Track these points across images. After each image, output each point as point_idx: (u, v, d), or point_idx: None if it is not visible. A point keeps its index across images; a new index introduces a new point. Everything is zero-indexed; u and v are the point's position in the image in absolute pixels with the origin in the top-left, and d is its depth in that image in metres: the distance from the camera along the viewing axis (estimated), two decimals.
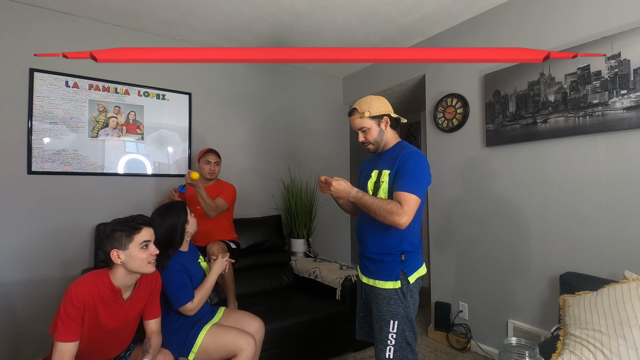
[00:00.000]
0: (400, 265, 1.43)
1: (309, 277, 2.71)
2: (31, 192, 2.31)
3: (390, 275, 1.43)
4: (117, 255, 1.33)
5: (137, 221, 1.39)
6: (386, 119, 1.49)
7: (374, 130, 1.49)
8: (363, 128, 1.48)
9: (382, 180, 1.44)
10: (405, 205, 1.30)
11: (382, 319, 1.43)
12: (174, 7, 2.38)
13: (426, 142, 2.93)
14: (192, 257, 1.80)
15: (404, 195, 1.33)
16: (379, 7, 2.39)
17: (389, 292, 1.43)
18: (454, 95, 2.63)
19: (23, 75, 2.30)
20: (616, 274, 1.81)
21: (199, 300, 1.67)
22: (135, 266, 1.36)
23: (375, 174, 1.49)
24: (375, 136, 1.49)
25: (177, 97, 2.86)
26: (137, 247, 1.35)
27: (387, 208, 1.31)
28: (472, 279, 2.54)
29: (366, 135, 1.50)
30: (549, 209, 2.11)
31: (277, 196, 3.35)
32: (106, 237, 1.35)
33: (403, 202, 1.31)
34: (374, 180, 1.48)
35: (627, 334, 1.33)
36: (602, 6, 1.90)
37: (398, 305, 1.42)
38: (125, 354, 1.54)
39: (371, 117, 1.47)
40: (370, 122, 1.47)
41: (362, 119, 1.47)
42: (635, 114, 1.75)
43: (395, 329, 1.41)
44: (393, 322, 1.41)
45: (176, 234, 1.69)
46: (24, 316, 2.26)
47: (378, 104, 1.48)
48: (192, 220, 1.77)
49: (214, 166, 2.49)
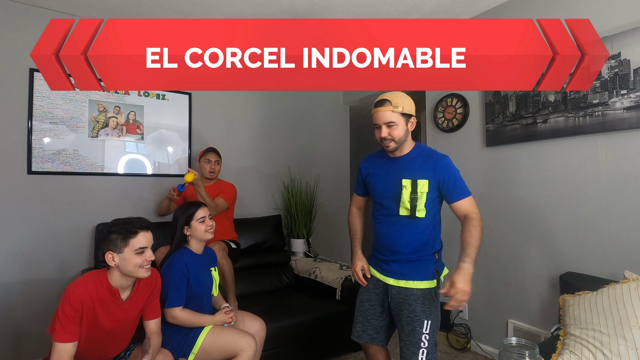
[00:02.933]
0: (435, 265, 1.46)
1: (309, 277, 2.71)
2: (31, 192, 2.31)
3: (427, 275, 1.44)
4: (111, 257, 1.32)
5: (135, 225, 1.34)
6: (414, 120, 1.44)
7: (401, 128, 1.40)
8: (391, 123, 1.38)
9: (422, 191, 1.40)
10: (476, 210, 1.39)
11: (415, 320, 1.41)
12: (174, 7, 2.38)
13: (426, 142, 2.93)
14: (204, 263, 1.78)
15: (466, 202, 1.40)
16: (379, 7, 2.39)
17: (424, 291, 1.43)
18: (454, 95, 2.63)
19: (23, 75, 2.30)
20: (616, 274, 1.81)
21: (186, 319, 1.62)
22: (128, 270, 1.34)
23: (409, 184, 1.41)
24: (401, 134, 1.40)
25: (177, 97, 2.86)
26: (132, 251, 1.32)
27: (478, 229, 1.36)
28: (472, 279, 2.53)
29: (392, 131, 1.39)
30: (549, 208, 2.11)
31: (277, 196, 3.35)
32: (103, 238, 1.35)
33: (472, 207, 1.39)
34: (410, 191, 1.41)
35: (627, 334, 1.33)
36: (602, 6, 1.90)
37: (432, 305, 1.43)
38: (124, 354, 1.54)
39: (402, 114, 1.39)
40: (400, 119, 1.39)
41: (393, 113, 1.37)
42: (635, 114, 1.75)
43: (428, 330, 1.41)
44: (427, 322, 1.41)
45: (176, 229, 1.72)
46: (24, 316, 2.26)
47: (410, 102, 1.42)
48: (199, 226, 1.71)
49: (214, 165, 2.49)
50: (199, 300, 1.72)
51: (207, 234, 1.74)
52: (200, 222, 1.72)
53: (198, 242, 1.76)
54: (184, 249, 1.73)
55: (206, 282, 1.76)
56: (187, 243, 1.75)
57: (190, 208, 1.74)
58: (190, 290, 1.67)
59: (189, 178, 2.11)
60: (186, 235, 1.74)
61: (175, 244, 1.73)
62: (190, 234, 1.73)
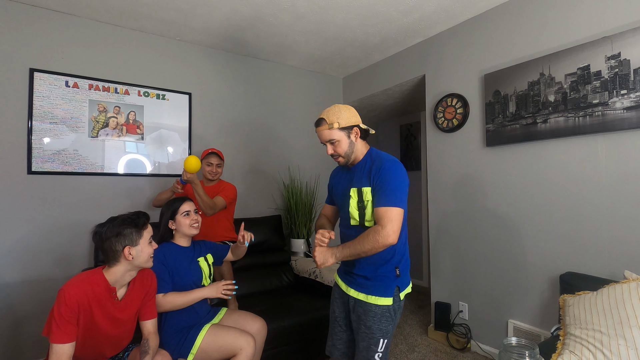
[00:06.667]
0: (396, 281, 1.37)
1: (309, 277, 2.71)
2: (31, 192, 2.31)
3: (386, 292, 1.35)
4: (129, 251, 1.36)
5: (141, 218, 1.44)
6: (356, 130, 1.39)
7: (344, 143, 1.38)
8: (332, 140, 1.38)
9: (367, 200, 1.35)
10: (387, 224, 1.25)
11: (371, 338, 1.35)
12: (174, 7, 2.38)
13: (426, 142, 2.93)
14: (190, 255, 1.77)
15: (385, 211, 1.27)
16: (379, 7, 2.39)
17: (381, 308, 1.34)
18: (454, 95, 2.63)
19: (23, 75, 2.30)
20: (616, 274, 1.81)
21: (170, 301, 1.60)
22: (141, 261, 1.41)
23: (354, 193, 1.39)
24: (345, 149, 1.39)
25: (177, 97, 2.86)
26: (146, 242, 1.42)
27: (371, 240, 1.26)
28: (472, 279, 2.54)
29: (336, 148, 1.39)
30: (549, 208, 2.11)
31: (277, 196, 3.35)
32: (116, 235, 1.35)
33: (385, 219, 1.26)
34: (357, 200, 1.38)
35: (627, 334, 1.33)
36: (602, 6, 1.90)
37: (389, 324, 1.36)
38: (123, 354, 1.54)
39: (340, 129, 1.37)
40: (340, 134, 1.37)
41: (331, 131, 1.37)
42: (635, 114, 1.75)
43: (383, 348, 1.36)
44: (383, 340, 1.35)
45: (161, 223, 1.74)
46: (24, 316, 2.26)
47: (347, 114, 1.38)
48: (184, 220, 1.72)
49: (215, 168, 2.49)
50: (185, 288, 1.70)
51: (192, 229, 1.74)
52: (184, 216, 1.73)
53: (183, 236, 1.76)
54: (167, 242, 1.74)
55: (193, 273, 1.74)
56: (172, 238, 1.76)
57: (175, 202, 1.76)
58: (174, 282, 1.67)
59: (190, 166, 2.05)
60: (171, 229, 1.75)
61: (159, 239, 1.74)
62: (175, 228, 1.74)
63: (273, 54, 3.19)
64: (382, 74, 3.34)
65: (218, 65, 3.07)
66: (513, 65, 2.24)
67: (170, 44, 2.84)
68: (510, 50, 2.30)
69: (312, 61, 3.38)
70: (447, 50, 2.70)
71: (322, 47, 3.03)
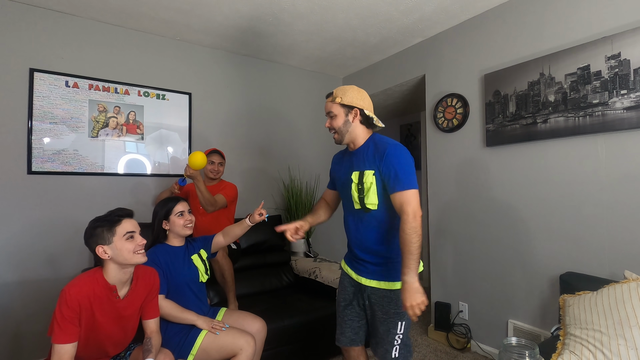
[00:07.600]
0: None
1: (309, 277, 2.71)
2: (31, 192, 2.31)
3: (397, 276, 1.38)
4: (103, 250, 1.34)
5: (115, 214, 1.38)
6: (356, 112, 1.42)
7: (340, 119, 1.43)
8: (331, 113, 1.44)
9: (368, 182, 1.37)
10: (407, 207, 1.28)
11: (389, 322, 1.39)
12: (174, 7, 2.38)
13: (426, 142, 2.93)
14: (183, 254, 1.77)
15: (401, 196, 1.30)
16: (379, 7, 2.39)
17: (395, 293, 1.38)
18: (454, 95, 2.63)
19: (23, 75, 2.30)
20: (616, 274, 1.81)
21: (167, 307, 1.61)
22: (124, 258, 1.35)
23: (356, 177, 1.41)
24: (340, 125, 1.43)
25: (177, 97, 2.86)
26: (122, 238, 1.34)
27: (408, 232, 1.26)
28: (472, 279, 2.54)
29: (332, 122, 1.45)
30: (549, 208, 2.11)
31: (277, 196, 3.35)
32: (89, 237, 1.35)
33: (404, 204, 1.29)
34: (356, 183, 1.40)
35: (627, 334, 1.33)
36: (602, 6, 1.90)
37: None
38: (125, 353, 1.54)
39: (341, 105, 1.42)
40: (339, 109, 1.42)
41: (332, 104, 1.44)
42: (635, 114, 1.75)
43: (402, 330, 1.40)
44: (401, 323, 1.40)
45: (154, 223, 1.73)
46: (24, 316, 2.26)
47: (353, 94, 1.42)
48: (177, 220, 1.71)
49: (217, 166, 2.49)
50: (181, 288, 1.71)
51: (186, 229, 1.73)
52: (178, 216, 1.72)
53: (177, 236, 1.75)
54: (159, 244, 1.73)
55: (188, 272, 1.74)
56: (166, 238, 1.76)
57: (169, 203, 1.75)
58: (170, 282, 1.67)
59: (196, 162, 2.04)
60: (165, 229, 1.74)
61: (153, 239, 1.73)
62: (169, 229, 1.73)
63: (273, 54, 3.18)
64: (382, 74, 3.34)
65: (218, 65, 3.07)
66: (513, 65, 2.24)
67: (170, 44, 2.84)
68: (510, 50, 2.30)
69: (312, 61, 3.38)
70: (447, 50, 2.71)
71: (322, 47, 3.03)
